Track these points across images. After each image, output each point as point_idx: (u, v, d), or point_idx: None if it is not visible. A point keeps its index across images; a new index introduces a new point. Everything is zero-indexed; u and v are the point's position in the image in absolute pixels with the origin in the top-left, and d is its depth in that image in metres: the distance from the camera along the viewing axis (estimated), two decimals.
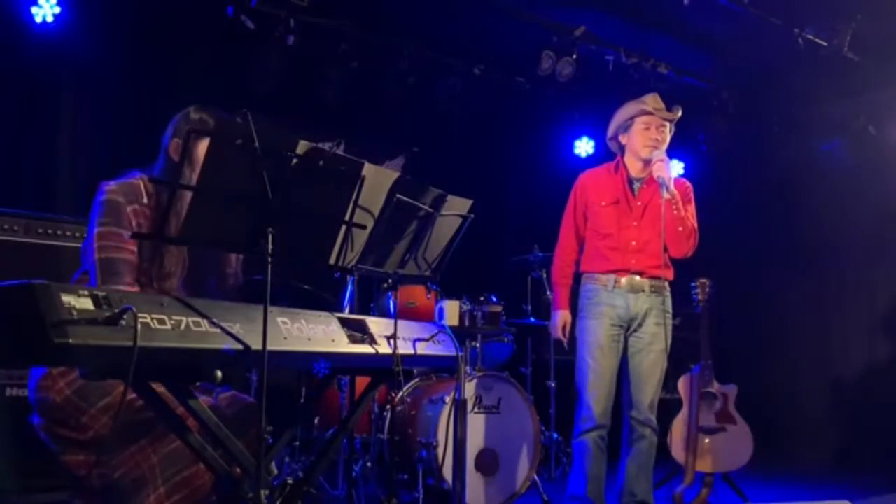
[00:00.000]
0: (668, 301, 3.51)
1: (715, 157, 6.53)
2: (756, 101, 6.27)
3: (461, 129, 5.88)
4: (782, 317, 6.32)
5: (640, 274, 3.46)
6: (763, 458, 4.25)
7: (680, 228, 3.43)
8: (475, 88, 5.77)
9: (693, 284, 4.09)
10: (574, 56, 5.41)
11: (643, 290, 3.46)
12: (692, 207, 3.55)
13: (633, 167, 3.58)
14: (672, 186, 3.39)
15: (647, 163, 3.53)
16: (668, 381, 4.33)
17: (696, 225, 3.51)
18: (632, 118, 3.54)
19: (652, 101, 3.55)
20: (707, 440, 3.98)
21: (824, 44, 5.25)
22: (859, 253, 5.98)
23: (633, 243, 3.47)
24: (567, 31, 5.42)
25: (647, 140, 3.50)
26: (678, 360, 4.26)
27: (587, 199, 3.62)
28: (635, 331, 3.48)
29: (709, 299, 4.05)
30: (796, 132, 6.30)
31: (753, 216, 6.54)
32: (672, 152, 3.58)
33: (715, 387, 4.04)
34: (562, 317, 3.65)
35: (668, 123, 3.53)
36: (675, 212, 3.40)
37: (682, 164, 6.71)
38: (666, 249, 3.44)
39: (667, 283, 3.51)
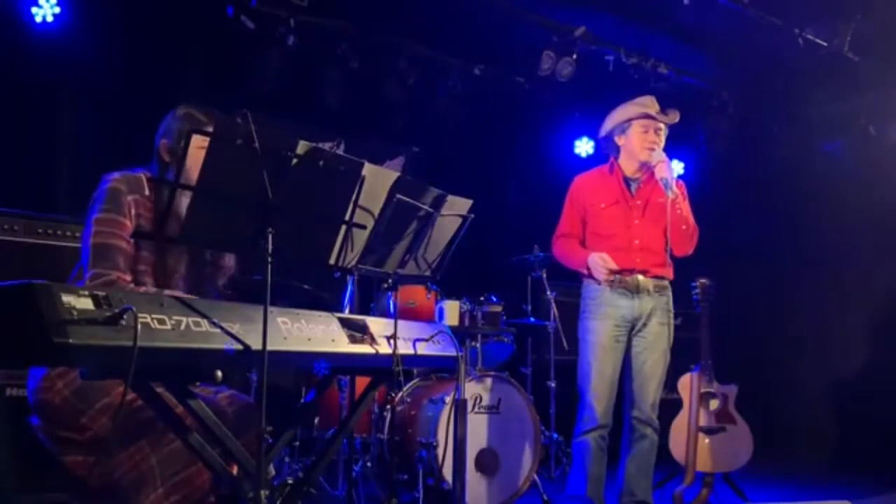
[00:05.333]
0: (670, 300, 3.55)
1: (715, 157, 6.53)
2: (756, 101, 6.26)
3: (461, 129, 5.87)
4: (782, 316, 6.31)
5: (644, 273, 3.47)
6: (763, 458, 4.24)
7: (683, 227, 3.46)
8: (475, 88, 5.77)
9: (693, 284, 4.09)
10: (574, 56, 5.41)
11: (647, 291, 3.47)
12: (688, 205, 3.57)
13: (629, 168, 3.59)
14: (674, 186, 3.41)
15: (643, 164, 3.54)
16: (668, 381, 4.33)
17: (695, 223, 3.54)
18: (629, 120, 3.54)
19: (650, 103, 3.56)
20: (707, 440, 3.98)
21: (824, 44, 5.25)
22: (860, 253, 5.96)
23: (637, 242, 3.49)
24: (567, 31, 5.41)
25: (645, 143, 3.51)
26: (678, 360, 4.26)
27: (585, 202, 3.62)
28: (640, 331, 3.49)
29: (709, 299, 4.04)
30: (796, 132, 6.30)
31: (753, 216, 6.53)
32: (672, 152, 3.59)
33: (715, 387, 4.04)
34: (593, 254, 3.49)
35: (664, 126, 3.54)
36: (679, 211, 3.42)
37: (682, 164, 6.72)
38: (668, 248, 3.45)
39: (668, 283, 3.54)
